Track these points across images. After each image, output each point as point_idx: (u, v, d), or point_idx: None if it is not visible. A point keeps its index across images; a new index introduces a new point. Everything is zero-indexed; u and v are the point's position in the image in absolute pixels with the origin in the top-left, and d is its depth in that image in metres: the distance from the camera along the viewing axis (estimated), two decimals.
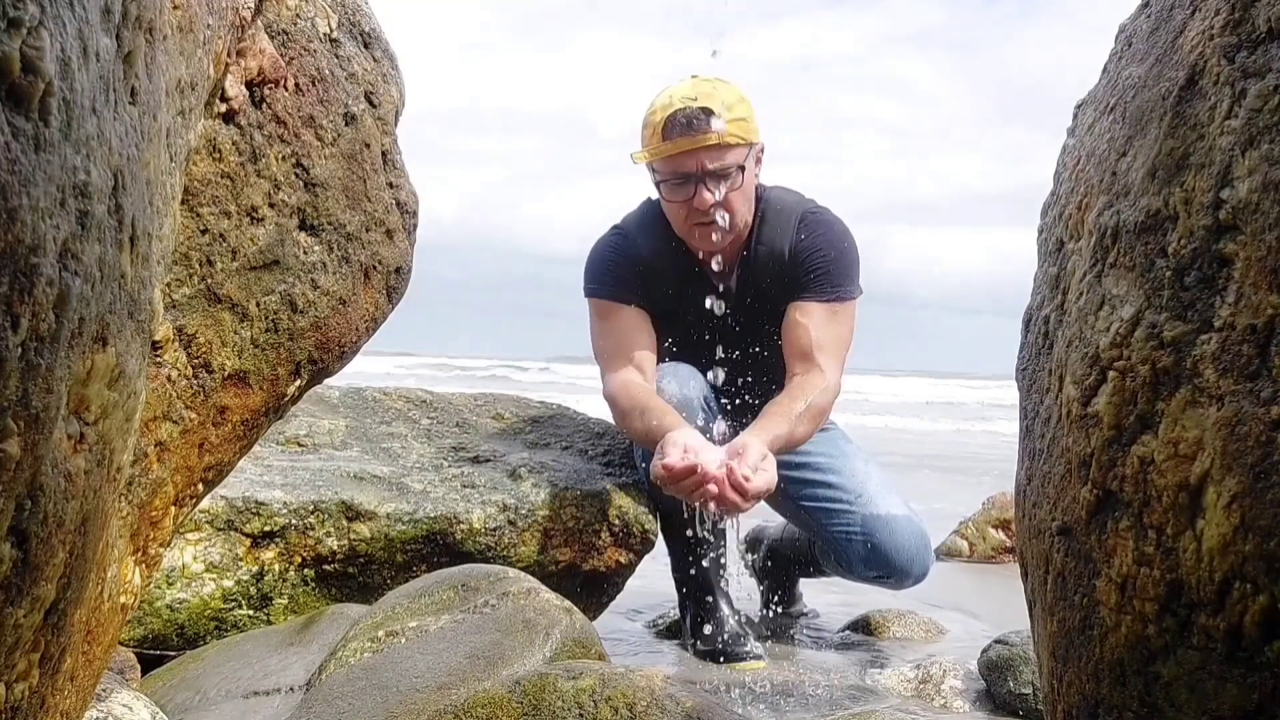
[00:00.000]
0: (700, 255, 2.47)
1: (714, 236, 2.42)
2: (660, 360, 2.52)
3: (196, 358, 1.07)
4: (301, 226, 1.19)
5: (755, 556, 2.98)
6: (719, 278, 2.49)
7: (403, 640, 1.55)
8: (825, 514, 2.51)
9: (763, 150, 2.48)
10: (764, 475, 2.07)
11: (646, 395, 2.36)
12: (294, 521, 2.11)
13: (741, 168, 2.40)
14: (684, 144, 2.33)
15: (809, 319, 2.45)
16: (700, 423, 2.39)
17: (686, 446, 2.06)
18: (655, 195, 2.56)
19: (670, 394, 2.39)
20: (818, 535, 2.57)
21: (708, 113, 2.33)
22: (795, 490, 2.58)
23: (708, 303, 2.42)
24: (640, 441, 2.39)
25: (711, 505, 2.03)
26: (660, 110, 2.38)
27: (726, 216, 2.42)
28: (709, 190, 2.37)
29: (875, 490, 2.50)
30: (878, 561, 2.44)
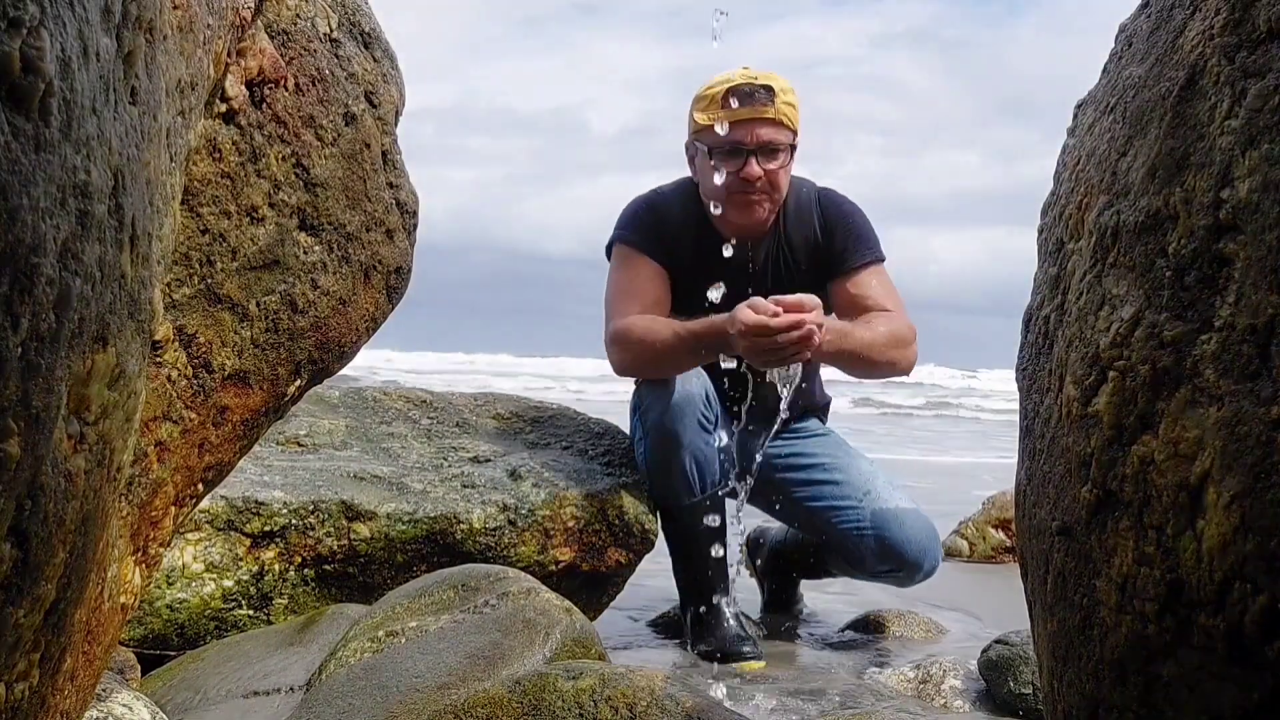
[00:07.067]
0: (727, 239, 2.50)
1: (755, 210, 2.49)
2: None
3: (196, 358, 1.07)
4: (301, 226, 1.19)
5: (757, 557, 2.98)
6: (744, 257, 2.53)
7: (403, 640, 1.55)
8: (833, 511, 2.50)
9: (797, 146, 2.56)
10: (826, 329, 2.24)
11: (661, 319, 2.43)
12: (294, 521, 2.11)
13: (790, 149, 2.50)
14: (744, 113, 2.42)
15: (861, 287, 2.52)
16: (699, 420, 2.38)
17: (762, 305, 2.18)
18: (687, 175, 2.63)
19: (672, 387, 2.39)
20: (826, 534, 2.56)
21: (769, 89, 2.44)
22: (801, 491, 2.58)
23: (712, 294, 2.42)
24: (663, 355, 2.40)
25: (790, 352, 2.16)
26: (721, 84, 2.46)
27: (770, 192, 2.49)
28: (759, 163, 2.45)
29: (882, 487, 2.51)
30: (889, 555, 2.44)
